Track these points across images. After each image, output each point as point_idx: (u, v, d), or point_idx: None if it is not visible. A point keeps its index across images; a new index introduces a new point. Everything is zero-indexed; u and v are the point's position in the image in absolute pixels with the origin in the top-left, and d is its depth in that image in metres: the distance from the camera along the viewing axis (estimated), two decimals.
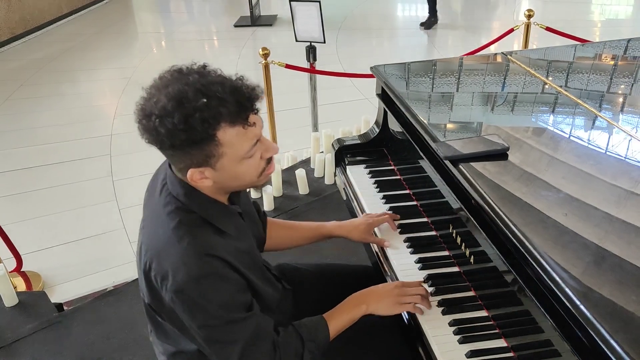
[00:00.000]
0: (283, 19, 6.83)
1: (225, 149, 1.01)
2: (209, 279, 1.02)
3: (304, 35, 3.25)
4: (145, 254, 1.09)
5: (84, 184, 3.40)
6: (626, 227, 1.07)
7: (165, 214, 1.07)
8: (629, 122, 1.53)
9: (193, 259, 1.01)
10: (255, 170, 1.08)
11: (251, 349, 1.08)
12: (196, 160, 1.01)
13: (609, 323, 0.85)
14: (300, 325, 1.18)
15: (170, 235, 1.04)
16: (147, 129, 0.99)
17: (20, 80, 5.22)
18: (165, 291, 1.05)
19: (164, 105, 0.96)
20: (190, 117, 0.95)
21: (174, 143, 0.97)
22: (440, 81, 1.85)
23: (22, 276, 2.49)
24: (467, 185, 1.24)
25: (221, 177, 1.06)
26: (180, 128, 0.95)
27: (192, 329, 1.09)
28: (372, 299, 1.23)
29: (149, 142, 1.01)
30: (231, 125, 0.99)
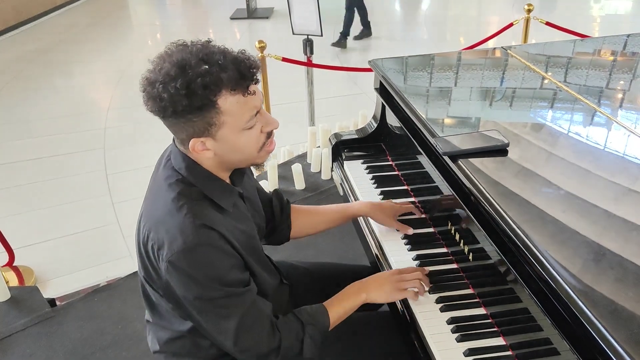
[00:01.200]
0: (280, 12, 6.79)
1: (225, 118, 1.02)
2: (204, 248, 1.03)
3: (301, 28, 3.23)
4: (143, 225, 1.09)
5: (77, 177, 3.37)
6: (625, 224, 1.07)
7: (166, 185, 1.09)
8: (629, 118, 1.52)
9: (190, 228, 1.02)
10: (256, 143, 1.09)
11: (247, 327, 1.09)
12: (197, 128, 1.02)
13: (608, 321, 0.84)
14: (301, 312, 1.18)
15: (169, 206, 1.05)
16: (151, 96, 1.00)
17: (12, 73, 5.17)
18: (161, 261, 1.05)
19: (167, 72, 0.98)
20: (192, 82, 0.97)
21: (176, 109, 0.99)
22: (439, 75, 1.83)
23: (15, 271, 2.47)
24: (466, 181, 1.22)
25: (222, 149, 1.06)
26: (183, 93, 0.97)
27: (188, 302, 1.07)
28: (371, 287, 1.24)
29: (152, 111, 1.03)
30: (231, 92, 1.00)
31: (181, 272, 1.03)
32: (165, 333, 1.22)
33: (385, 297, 1.24)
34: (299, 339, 1.15)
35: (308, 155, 3.13)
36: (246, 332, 1.09)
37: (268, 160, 1.18)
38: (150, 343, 1.30)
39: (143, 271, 1.14)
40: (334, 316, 1.20)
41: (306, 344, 1.15)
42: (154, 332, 1.26)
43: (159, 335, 1.24)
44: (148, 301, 1.22)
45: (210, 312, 1.07)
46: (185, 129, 1.03)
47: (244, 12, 6.80)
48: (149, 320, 1.27)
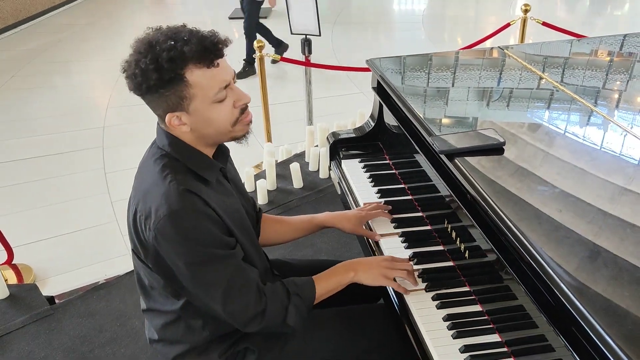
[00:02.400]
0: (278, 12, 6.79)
1: (194, 90, 1.07)
2: (189, 212, 1.07)
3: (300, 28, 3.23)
4: (133, 201, 1.14)
5: (76, 176, 3.37)
6: (620, 223, 1.07)
7: (152, 162, 1.14)
8: (625, 118, 1.53)
9: (174, 194, 1.06)
10: (229, 117, 1.13)
11: (235, 290, 1.12)
12: (171, 102, 1.08)
13: (602, 318, 0.85)
14: (289, 281, 1.22)
15: (155, 177, 1.11)
16: (127, 75, 1.08)
17: (11, 71, 5.16)
18: (148, 231, 1.08)
19: (138, 50, 1.06)
20: (159, 56, 1.04)
21: (148, 85, 1.05)
22: (436, 75, 1.84)
23: (13, 269, 2.47)
24: (463, 179, 1.23)
25: (196, 122, 1.11)
26: (151, 68, 1.03)
27: (177, 270, 1.10)
28: (360, 268, 1.27)
29: (131, 89, 1.10)
30: (197, 65, 1.06)
31: (168, 237, 1.06)
32: (159, 319, 1.24)
33: (371, 279, 1.26)
34: (284, 306, 1.17)
35: (306, 154, 3.14)
36: (234, 296, 1.12)
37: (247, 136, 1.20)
38: (148, 333, 1.32)
39: (135, 247, 1.16)
40: (321, 290, 1.24)
41: (290, 312, 1.17)
42: (149, 320, 1.28)
43: (155, 323, 1.26)
44: (142, 286, 1.25)
45: (199, 276, 1.10)
46: (160, 105, 1.09)
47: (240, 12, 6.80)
48: (144, 309, 1.29)
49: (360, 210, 1.52)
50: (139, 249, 1.15)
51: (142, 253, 1.15)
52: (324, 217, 1.50)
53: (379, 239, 1.45)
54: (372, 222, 1.52)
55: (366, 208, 1.53)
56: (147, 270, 1.18)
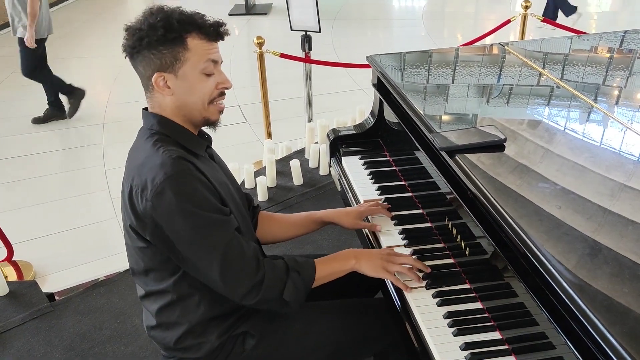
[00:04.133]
0: (278, 8, 6.78)
1: (189, 55, 1.15)
2: (185, 176, 1.11)
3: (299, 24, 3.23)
4: (127, 179, 1.16)
5: (76, 173, 3.37)
6: (620, 220, 1.07)
7: (142, 141, 1.19)
8: (625, 114, 1.53)
9: (168, 161, 1.11)
10: (208, 93, 1.20)
11: (233, 258, 1.13)
12: (164, 61, 1.14)
13: (604, 316, 0.85)
14: (289, 258, 1.23)
15: (149, 151, 1.15)
16: (131, 32, 1.15)
17: (11, 67, 5.15)
18: (145, 202, 1.10)
19: (150, 10, 1.16)
20: (170, 17, 1.13)
21: (150, 40, 1.12)
22: (436, 72, 1.83)
23: (13, 266, 2.47)
24: (463, 176, 1.23)
25: (180, 88, 1.17)
26: (160, 24, 1.12)
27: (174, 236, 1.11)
28: (362, 257, 1.28)
29: (128, 46, 1.15)
30: (199, 35, 1.16)
31: (166, 203, 1.09)
32: (156, 303, 1.24)
33: (372, 270, 1.27)
34: (282, 281, 1.18)
35: (306, 151, 3.13)
36: (231, 262, 1.13)
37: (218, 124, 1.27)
38: (145, 321, 1.31)
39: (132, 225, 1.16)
40: (321, 273, 1.25)
41: (288, 287, 1.18)
42: (147, 306, 1.28)
43: (152, 308, 1.26)
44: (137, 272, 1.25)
45: (197, 243, 1.12)
46: (153, 62, 1.14)
47: (242, 8, 6.79)
48: (141, 295, 1.29)
49: (360, 205, 1.53)
50: (135, 225, 1.15)
51: (139, 228, 1.15)
52: (323, 213, 1.51)
53: (379, 229, 1.45)
54: (372, 218, 1.52)
55: (366, 204, 1.53)
56: (143, 251, 1.18)
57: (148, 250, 1.18)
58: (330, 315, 1.32)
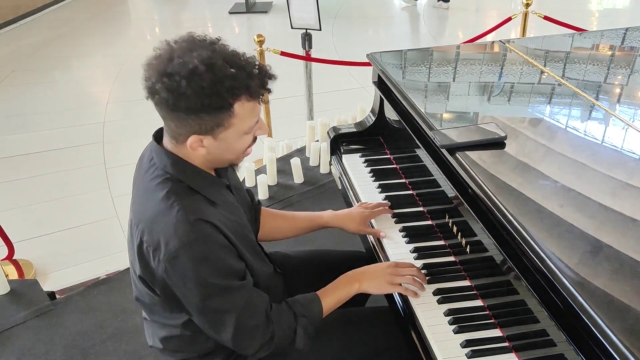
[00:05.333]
0: (278, 6, 6.77)
1: (235, 121, 1.04)
2: (200, 244, 1.02)
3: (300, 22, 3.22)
4: (137, 228, 1.08)
5: (77, 171, 3.37)
6: (621, 218, 1.07)
7: (153, 185, 1.08)
8: (626, 112, 1.52)
9: (183, 225, 1.01)
10: (242, 149, 1.12)
11: (245, 320, 1.09)
12: (204, 127, 1.03)
13: (604, 313, 0.85)
14: (294, 302, 1.19)
15: (160, 205, 1.04)
16: (167, 88, 0.98)
17: (11, 67, 5.15)
18: (157, 262, 1.04)
19: (194, 68, 0.97)
20: (219, 83, 0.98)
21: (193, 106, 0.99)
22: (437, 69, 1.83)
23: (14, 264, 2.47)
24: (464, 174, 1.22)
25: (217, 148, 1.08)
26: (207, 92, 0.97)
27: (186, 300, 1.07)
28: (364, 278, 1.25)
29: (161, 102, 1.00)
30: (249, 99, 1.03)
31: (179, 271, 1.03)
32: (162, 330, 1.22)
33: (377, 288, 1.25)
34: (292, 330, 1.16)
35: (307, 149, 3.13)
36: (244, 329, 1.10)
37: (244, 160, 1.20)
38: (149, 339, 1.30)
39: (140, 270, 1.11)
40: (327, 306, 1.22)
41: (299, 335, 1.16)
42: (151, 329, 1.27)
43: (157, 333, 1.24)
44: (142, 303, 1.21)
45: (209, 309, 1.08)
46: (190, 125, 1.03)
47: (242, 7, 6.77)
48: (145, 317, 1.28)
49: (364, 209, 1.50)
50: (145, 277, 1.11)
51: (149, 281, 1.11)
52: (328, 218, 1.48)
53: (384, 236, 1.44)
54: (374, 220, 1.51)
55: (369, 206, 1.51)
56: (150, 294, 1.15)
57: (157, 297, 1.14)
58: (334, 330, 1.28)
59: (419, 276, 1.26)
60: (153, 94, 1.01)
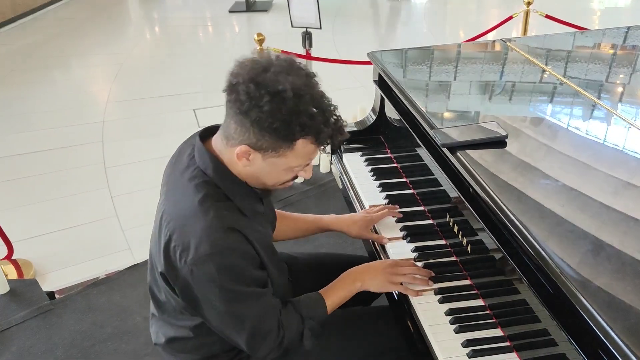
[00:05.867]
0: (279, 5, 6.76)
1: (290, 154, 1.04)
2: (230, 252, 1.04)
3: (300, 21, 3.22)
4: (167, 225, 1.08)
5: (76, 171, 3.36)
6: (623, 218, 1.07)
7: (192, 186, 1.08)
8: (628, 111, 1.52)
9: (217, 232, 1.02)
10: (281, 181, 1.13)
11: (260, 326, 1.11)
12: (260, 144, 1.03)
13: (606, 312, 0.85)
14: (299, 303, 1.21)
15: (196, 208, 1.05)
16: (248, 93, 0.98)
17: (10, 66, 5.14)
18: (183, 264, 1.04)
19: (282, 91, 0.98)
20: (296, 115, 0.99)
21: (262, 122, 0.99)
22: (438, 68, 1.82)
23: (13, 264, 2.47)
24: (465, 173, 1.22)
25: (259, 169, 1.08)
26: (281, 118, 0.98)
27: (207, 303, 1.08)
28: (366, 276, 1.26)
29: (233, 101, 1.01)
30: (313, 142, 1.04)
31: (205, 276, 1.03)
32: (170, 330, 1.23)
33: (378, 287, 1.26)
34: (299, 332, 1.17)
35: None
36: (258, 333, 1.11)
37: None
38: (154, 336, 1.30)
39: (163, 267, 1.10)
40: (331, 305, 1.23)
41: (306, 336, 1.18)
42: (159, 326, 1.27)
43: (164, 331, 1.25)
44: (156, 298, 1.22)
45: (229, 314, 1.09)
46: (248, 136, 1.02)
47: (242, 5, 6.76)
48: (154, 314, 1.28)
49: (367, 214, 1.49)
50: (167, 275, 1.10)
51: (170, 279, 1.10)
52: (330, 221, 1.49)
53: (387, 242, 1.43)
54: (377, 224, 1.50)
55: (372, 210, 1.51)
56: (169, 292, 1.15)
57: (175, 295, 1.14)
58: (337, 330, 1.29)
59: (420, 273, 1.26)
60: (233, 91, 1.01)
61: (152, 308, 1.28)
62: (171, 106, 4.12)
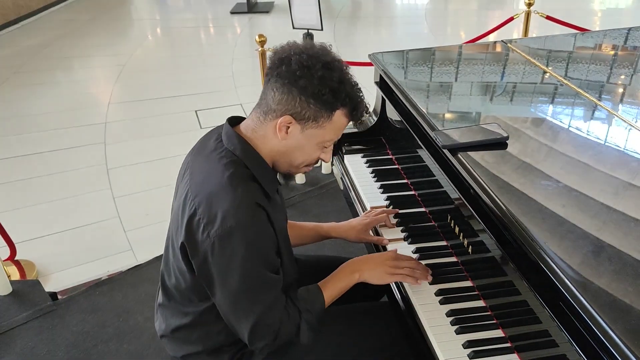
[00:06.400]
0: (280, 6, 6.77)
1: (327, 125, 1.13)
2: (255, 228, 1.06)
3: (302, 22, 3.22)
4: (192, 200, 1.10)
5: (78, 172, 3.37)
6: (624, 218, 1.07)
7: (221, 164, 1.11)
8: (629, 112, 1.52)
9: (244, 205, 1.05)
10: (308, 160, 1.19)
11: (265, 315, 1.12)
12: (304, 113, 1.10)
13: (607, 313, 0.85)
14: (298, 297, 1.21)
15: (225, 183, 1.08)
16: (300, 62, 1.08)
17: (13, 67, 5.16)
18: (205, 237, 1.05)
19: (334, 62, 1.11)
20: (342, 84, 1.10)
21: (310, 88, 1.07)
22: (439, 69, 1.83)
23: (16, 265, 2.47)
24: (466, 174, 1.22)
25: (294, 143, 1.14)
26: (329, 84, 1.08)
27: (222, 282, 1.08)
28: (365, 268, 1.27)
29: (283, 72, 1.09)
30: (347, 115, 1.14)
31: (227, 251, 1.05)
32: (176, 319, 1.24)
33: (377, 278, 1.26)
34: (296, 326, 1.18)
35: None
36: (262, 322, 1.12)
37: None
38: (159, 327, 1.31)
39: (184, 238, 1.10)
40: (328, 297, 1.24)
41: (302, 330, 1.18)
42: (164, 317, 1.28)
43: (170, 321, 1.26)
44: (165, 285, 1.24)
45: (241, 295, 1.09)
46: (293, 105, 1.09)
47: (244, 7, 6.77)
48: (161, 303, 1.29)
49: (365, 217, 1.50)
50: (187, 247, 1.11)
51: (190, 252, 1.11)
52: (329, 228, 1.50)
53: (387, 244, 1.44)
54: (378, 226, 1.50)
55: (371, 214, 1.51)
56: (182, 273, 1.16)
57: (187, 275, 1.16)
58: (335, 323, 1.30)
59: (419, 268, 1.27)
60: (282, 63, 1.09)
61: (159, 298, 1.30)
62: (173, 107, 4.12)
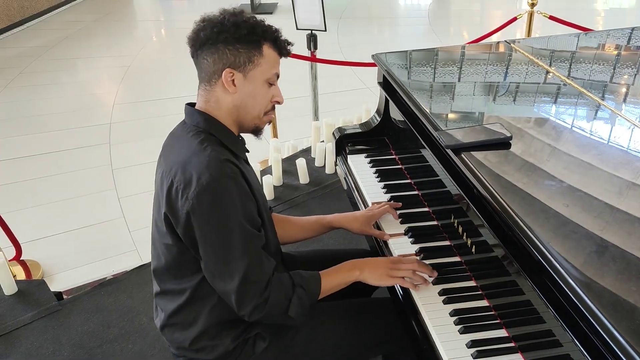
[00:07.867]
0: (283, 7, 6.79)
1: (262, 61, 1.20)
2: (230, 180, 1.12)
3: (305, 23, 3.22)
4: (168, 174, 1.17)
5: (83, 172, 3.39)
6: (627, 218, 1.07)
7: (189, 137, 1.19)
8: (632, 112, 1.52)
9: (215, 162, 1.12)
10: (264, 104, 1.24)
11: (251, 274, 1.14)
12: (238, 59, 1.18)
13: (611, 313, 0.84)
14: (295, 274, 1.23)
15: (195, 148, 1.15)
16: (211, 23, 1.18)
17: (18, 68, 5.18)
18: (184, 200, 1.11)
19: (232, 12, 1.20)
20: (256, 25, 1.19)
21: (231, 37, 1.16)
22: (442, 70, 1.83)
23: (22, 265, 2.49)
24: (469, 174, 1.22)
25: (245, 89, 1.21)
26: (245, 26, 1.18)
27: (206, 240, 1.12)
28: (366, 267, 1.28)
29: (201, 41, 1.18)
30: (272, 47, 1.22)
31: (205, 207, 1.10)
32: (172, 303, 1.26)
33: (377, 279, 1.27)
34: (287, 298, 1.19)
35: (312, 149, 3.13)
36: (248, 282, 1.14)
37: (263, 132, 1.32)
38: (158, 319, 1.32)
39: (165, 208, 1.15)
40: (326, 286, 1.25)
41: (293, 303, 1.19)
42: (162, 305, 1.30)
43: (167, 307, 1.27)
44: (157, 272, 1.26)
45: (225, 250, 1.12)
46: (226, 58, 1.17)
47: (247, 8, 6.80)
48: (157, 292, 1.30)
49: (369, 210, 1.52)
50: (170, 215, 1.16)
51: (173, 221, 1.16)
52: (332, 218, 1.51)
53: (388, 239, 1.44)
54: (380, 221, 1.51)
55: (374, 207, 1.52)
56: (168, 248, 1.20)
57: (174, 248, 1.19)
58: (339, 317, 1.32)
59: (423, 270, 1.27)
60: (198, 35, 1.18)
61: (154, 287, 1.31)
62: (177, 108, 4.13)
